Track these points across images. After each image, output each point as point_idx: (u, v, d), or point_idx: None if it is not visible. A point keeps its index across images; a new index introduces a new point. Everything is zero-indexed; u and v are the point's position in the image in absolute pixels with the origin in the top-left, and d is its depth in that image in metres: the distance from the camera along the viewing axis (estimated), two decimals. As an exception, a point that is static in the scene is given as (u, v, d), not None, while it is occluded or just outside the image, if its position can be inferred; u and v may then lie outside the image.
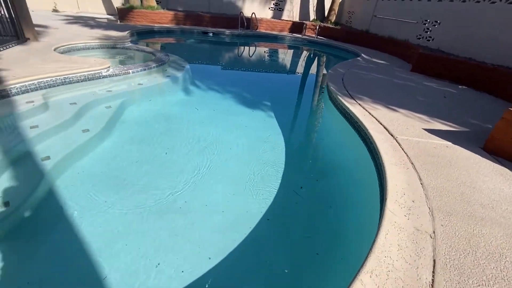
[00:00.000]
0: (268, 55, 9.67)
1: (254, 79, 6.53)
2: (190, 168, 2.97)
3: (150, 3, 11.16)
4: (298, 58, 9.83)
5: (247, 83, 6.13)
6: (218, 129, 3.82)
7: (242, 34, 10.99)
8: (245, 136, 3.71)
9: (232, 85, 5.70)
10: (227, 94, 5.14)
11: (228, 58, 8.59)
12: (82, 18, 10.58)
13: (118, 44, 6.59)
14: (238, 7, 13.47)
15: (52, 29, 7.54)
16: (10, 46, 5.30)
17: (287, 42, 11.56)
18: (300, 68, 8.29)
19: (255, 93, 5.53)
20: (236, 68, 7.39)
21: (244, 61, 8.31)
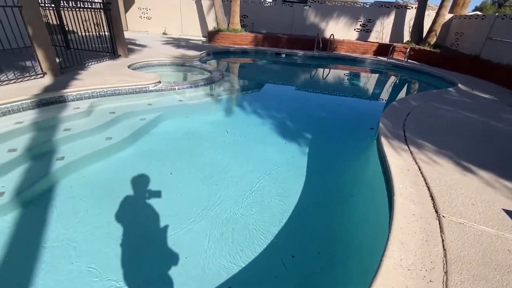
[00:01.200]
0: (337, 79, 8.78)
1: (306, 105, 5.90)
2: (184, 200, 2.69)
3: (234, 26, 12.09)
4: (372, 84, 8.51)
5: (296, 110, 5.52)
6: (235, 159, 3.45)
7: (316, 55, 10.46)
8: (258, 172, 3.20)
9: (278, 111, 5.21)
10: (268, 120, 4.70)
11: (289, 80, 8.23)
12: (180, 39, 12.38)
13: (186, 62, 7.22)
14: (320, 29, 13.06)
15: (147, 48, 9.02)
16: (103, 60, 6.52)
17: (366, 65, 10.30)
18: (368, 95, 7.09)
19: (300, 121, 4.88)
20: (291, 91, 6.93)
21: (305, 85, 7.77)
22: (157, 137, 4.00)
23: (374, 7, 12.18)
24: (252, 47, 11.41)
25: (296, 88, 7.30)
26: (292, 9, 13.06)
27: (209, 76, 6.03)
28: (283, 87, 7.17)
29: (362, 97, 6.71)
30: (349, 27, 12.74)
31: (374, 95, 7.05)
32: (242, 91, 6.20)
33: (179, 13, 14.66)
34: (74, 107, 3.99)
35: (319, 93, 6.88)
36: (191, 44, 10.83)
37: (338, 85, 7.76)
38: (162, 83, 5.11)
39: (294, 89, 7.13)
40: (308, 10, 12.86)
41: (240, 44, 11.65)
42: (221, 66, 8.90)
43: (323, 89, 7.29)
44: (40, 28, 4.60)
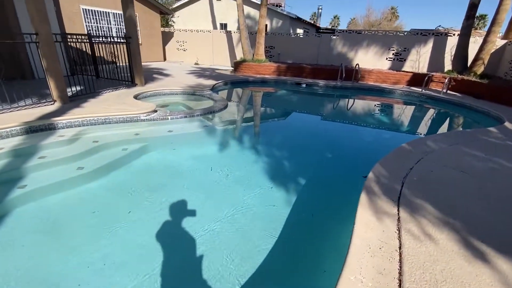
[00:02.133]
0: (356, 111, 8.00)
1: (310, 142, 5.24)
2: (132, 250, 2.33)
3: (259, 57, 12.25)
4: (396, 118, 7.49)
5: (297, 147, 4.91)
6: (210, 203, 3.02)
7: (339, 86, 9.86)
8: (232, 222, 2.71)
9: (278, 147, 4.72)
10: (263, 158, 4.19)
11: (300, 112, 7.72)
12: (207, 69, 12.93)
13: (197, 91, 7.28)
14: (348, 59, 12.52)
15: (169, 77, 9.47)
16: (119, 89, 6.89)
17: (395, 97, 9.31)
18: (386, 131, 6.17)
19: (298, 162, 4.27)
20: (299, 125, 6.37)
21: (316, 118, 7.18)
22: (132, 169, 3.80)
23: (409, 35, 11.34)
24: (273, 77, 11.32)
25: (305, 121, 6.75)
26: (319, 39, 12.86)
27: (208, 106, 5.89)
28: (291, 120, 6.66)
29: (377, 133, 5.85)
30: (380, 56, 11.98)
31: (394, 131, 6.12)
32: (243, 124, 5.90)
33: (211, 45, 15.52)
34: (60, 134, 4.07)
35: (329, 127, 6.23)
36: (214, 74, 11.15)
37: (353, 119, 7.01)
38: (157, 113, 5.08)
39: (302, 123, 6.59)
40: (336, 40, 12.51)
41: (263, 73, 11.66)
42: (233, 95, 8.84)
43: (335, 123, 6.62)
44: (53, 62, 5.00)
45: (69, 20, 10.29)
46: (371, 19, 31.20)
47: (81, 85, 6.79)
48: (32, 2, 4.53)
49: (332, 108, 8.10)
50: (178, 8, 18.21)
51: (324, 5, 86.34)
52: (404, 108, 8.48)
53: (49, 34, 4.82)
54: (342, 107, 8.30)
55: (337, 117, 7.11)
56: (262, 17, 11.64)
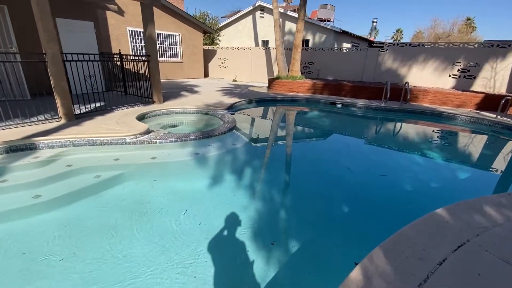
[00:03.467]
0: (399, 142, 6.41)
1: (339, 187, 4.06)
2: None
3: (293, 73, 11.43)
4: (456, 155, 5.66)
5: (299, 190, 3.86)
6: (169, 262, 2.27)
7: (382, 107, 8.31)
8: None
9: (281, 190, 3.80)
10: (256, 204, 3.28)
11: (328, 139, 6.52)
12: (240, 86, 12.63)
13: (210, 111, 6.80)
14: (399, 76, 10.76)
15: (194, 94, 9.33)
16: (134, 106, 6.85)
17: (459, 124, 7.32)
18: (440, 180, 4.55)
19: (295, 212, 3.31)
20: (315, 158, 5.13)
21: (343, 150, 5.90)
22: (96, 202, 3.30)
23: (481, 48, 9.14)
24: (307, 95, 10.30)
25: (329, 152, 5.55)
26: (364, 54, 11.43)
27: (209, 129, 5.28)
28: (312, 150, 5.50)
29: (416, 179, 4.27)
30: (441, 73, 9.93)
31: (442, 179, 4.43)
32: (248, 152, 5.06)
33: (249, 62, 15.34)
34: (36, 156, 3.90)
35: (361, 162, 4.94)
36: (244, 92, 10.70)
37: (390, 153, 5.54)
38: (147, 136, 4.67)
39: (325, 153, 5.41)
40: (384, 54, 10.92)
41: (296, 91, 10.77)
42: (251, 116, 8.08)
43: (368, 157, 5.27)
44: (60, 80, 5.07)
45: (116, 40, 11.20)
46: (438, 31, 27.56)
47: (102, 101, 7.00)
48: (41, 23, 4.66)
49: (369, 135, 6.68)
50: (223, 27, 18.78)
51: (386, 19, 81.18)
52: (467, 141, 6.53)
53: (56, 54, 4.91)
54: (382, 135, 6.79)
55: (371, 149, 5.71)
56: (299, 32, 10.88)
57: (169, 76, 13.89)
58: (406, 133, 6.96)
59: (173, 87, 11.08)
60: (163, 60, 13.30)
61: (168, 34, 13.14)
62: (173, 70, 13.99)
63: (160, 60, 13.16)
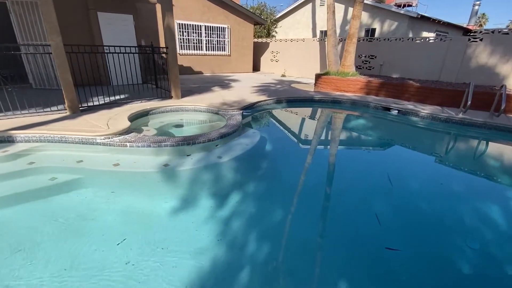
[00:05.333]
0: (481, 183, 4.24)
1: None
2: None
3: (345, 69, 9.55)
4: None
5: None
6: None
7: (457, 119, 5.93)
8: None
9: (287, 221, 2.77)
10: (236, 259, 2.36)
11: (359, 166, 4.78)
12: (284, 82, 11.41)
13: (221, 111, 5.97)
14: (497, 76, 7.75)
15: (224, 90, 8.66)
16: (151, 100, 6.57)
17: None
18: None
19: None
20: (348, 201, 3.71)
21: (383, 185, 4.18)
22: (37, 209, 2.89)
23: None
24: (356, 95, 8.40)
25: (357, 193, 3.93)
26: (446, 46, 8.64)
27: (193, 135, 4.43)
28: (336, 182, 4.01)
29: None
30: None
31: None
32: (235, 171, 3.97)
33: (302, 55, 13.83)
34: (6, 149, 3.79)
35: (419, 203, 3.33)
36: (283, 88, 9.49)
37: (467, 196, 3.62)
38: (120, 137, 4.14)
39: (353, 194, 3.81)
40: (477, 45, 7.99)
41: (344, 90, 8.95)
42: (271, 119, 6.82)
43: (432, 197, 3.53)
44: (65, 72, 5.02)
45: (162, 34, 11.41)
46: None
47: (127, 93, 7.01)
48: (44, 15, 4.61)
49: (429, 164, 4.71)
50: (281, 18, 17.57)
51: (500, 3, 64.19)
52: None
53: (59, 45, 4.82)
54: (450, 165, 4.67)
55: (427, 190, 3.90)
56: (355, 18, 8.92)
57: (216, 70, 13.66)
58: (489, 163, 4.67)
59: (210, 81, 10.69)
60: (210, 54, 13.10)
61: (216, 27, 12.80)
62: (219, 63, 13.69)
63: (207, 53, 13.00)
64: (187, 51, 12.28)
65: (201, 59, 12.89)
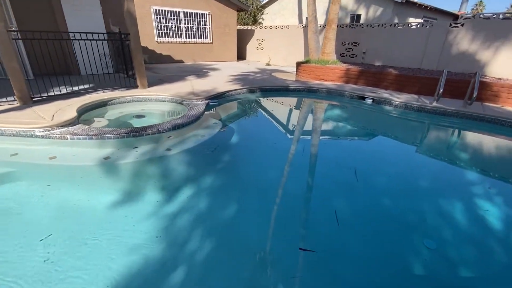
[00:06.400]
0: (447, 175, 4.10)
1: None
2: None
3: (325, 56, 9.26)
4: None
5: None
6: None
7: (430, 108, 5.74)
8: None
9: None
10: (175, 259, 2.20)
11: (324, 160, 4.62)
12: (265, 71, 11.07)
13: (185, 101, 5.71)
14: (478, 63, 7.52)
15: (199, 78, 8.34)
16: (116, 90, 6.28)
17: None
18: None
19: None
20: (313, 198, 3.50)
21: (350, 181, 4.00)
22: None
23: None
24: (334, 84, 8.15)
25: (319, 190, 3.77)
26: (427, 32, 8.36)
27: (144, 126, 4.18)
28: (298, 180, 3.81)
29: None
30: (553, 58, 6.40)
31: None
32: (186, 165, 3.75)
33: (286, 43, 13.43)
34: None
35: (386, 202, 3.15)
36: (263, 77, 9.19)
37: (435, 190, 3.46)
38: (62, 129, 3.89)
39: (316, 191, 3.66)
40: (458, 31, 7.73)
41: (324, 79, 8.69)
42: (240, 109, 6.55)
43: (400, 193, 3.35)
44: (11, 60, 4.69)
45: (139, 20, 10.92)
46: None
47: (92, 83, 6.69)
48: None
49: (397, 157, 4.54)
50: (267, 3, 17.01)
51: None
52: None
53: (2, 32, 4.49)
54: (422, 158, 4.46)
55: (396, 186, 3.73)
56: (335, 3, 8.56)
57: (197, 58, 13.24)
58: (459, 156, 4.50)
59: (188, 70, 10.33)
60: (190, 42, 12.65)
61: (196, 13, 12.30)
62: (201, 52, 13.26)
63: (187, 41, 12.55)
64: (166, 39, 11.83)
65: (181, 47, 12.45)
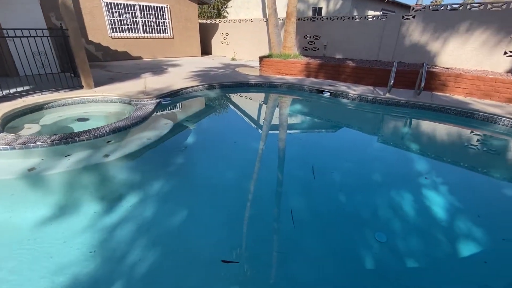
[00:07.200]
0: (398, 164, 4.18)
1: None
2: None
3: (286, 50, 9.17)
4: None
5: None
6: None
7: (382, 99, 5.87)
8: None
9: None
10: None
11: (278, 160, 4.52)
12: (229, 66, 10.79)
13: (134, 100, 5.32)
14: (429, 54, 7.84)
15: (156, 76, 7.87)
16: (56, 91, 5.69)
17: (498, 130, 4.67)
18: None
19: None
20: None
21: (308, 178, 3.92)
22: None
23: None
24: (298, 78, 8.12)
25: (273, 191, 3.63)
26: (382, 24, 8.57)
27: (78, 131, 3.78)
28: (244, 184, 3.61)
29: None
30: (492, 49, 6.83)
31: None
32: (124, 172, 3.43)
33: (250, 37, 13.20)
34: None
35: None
36: (225, 73, 8.91)
37: (386, 179, 3.46)
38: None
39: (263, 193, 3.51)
40: (410, 23, 7.99)
41: (286, 73, 8.61)
42: (196, 106, 6.30)
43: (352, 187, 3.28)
44: None
45: (89, 14, 10.10)
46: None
47: (32, 84, 6.00)
48: None
49: (350, 150, 4.55)
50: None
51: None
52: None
53: None
54: (379, 150, 4.49)
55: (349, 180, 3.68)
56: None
57: (158, 54, 12.58)
58: (411, 146, 4.62)
59: (146, 67, 9.75)
60: (149, 37, 11.96)
61: (153, 6, 11.62)
62: (162, 47, 12.61)
63: (145, 36, 11.86)
64: (121, 34, 11.06)
65: (139, 43, 11.74)
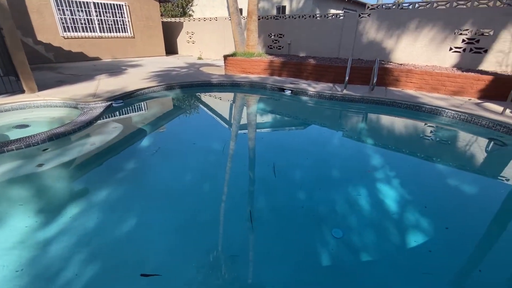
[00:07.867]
0: (352, 155, 4.26)
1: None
2: None
3: (249, 49, 9.11)
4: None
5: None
6: None
7: (339, 95, 6.01)
8: None
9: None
10: None
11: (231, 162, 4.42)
12: (194, 65, 10.51)
13: (81, 104, 4.94)
14: (384, 51, 8.18)
15: (112, 77, 7.42)
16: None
17: (442, 122, 4.97)
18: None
19: None
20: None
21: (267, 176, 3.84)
22: None
23: (498, 8, 6.35)
24: (261, 76, 8.09)
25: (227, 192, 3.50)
26: (341, 22, 8.81)
27: (6, 141, 3.43)
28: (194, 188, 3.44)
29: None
30: (439, 45, 7.27)
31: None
32: (64, 179, 3.14)
33: (216, 36, 12.99)
34: None
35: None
36: (188, 72, 8.64)
37: (344, 174, 3.47)
38: None
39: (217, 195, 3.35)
40: (366, 21, 8.28)
41: (250, 72, 8.55)
42: (150, 109, 6.01)
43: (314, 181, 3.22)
44: None
45: (37, 12, 9.31)
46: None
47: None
48: None
49: (309, 147, 4.57)
50: (196, -5, 16.23)
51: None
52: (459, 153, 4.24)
53: None
54: (327, 145, 4.59)
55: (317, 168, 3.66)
56: (252, -6, 8.40)
57: (118, 54, 11.94)
58: (366, 140, 4.73)
59: (102, 68, 9.19)
60: (106, 36, 11.31)
61: (110, 4, 11.00)
62: (122, 47, 11.99)
63: (102, 35, 11.20)
64: (74, 33, 10.33)
65: (96, 43, 11.05)
